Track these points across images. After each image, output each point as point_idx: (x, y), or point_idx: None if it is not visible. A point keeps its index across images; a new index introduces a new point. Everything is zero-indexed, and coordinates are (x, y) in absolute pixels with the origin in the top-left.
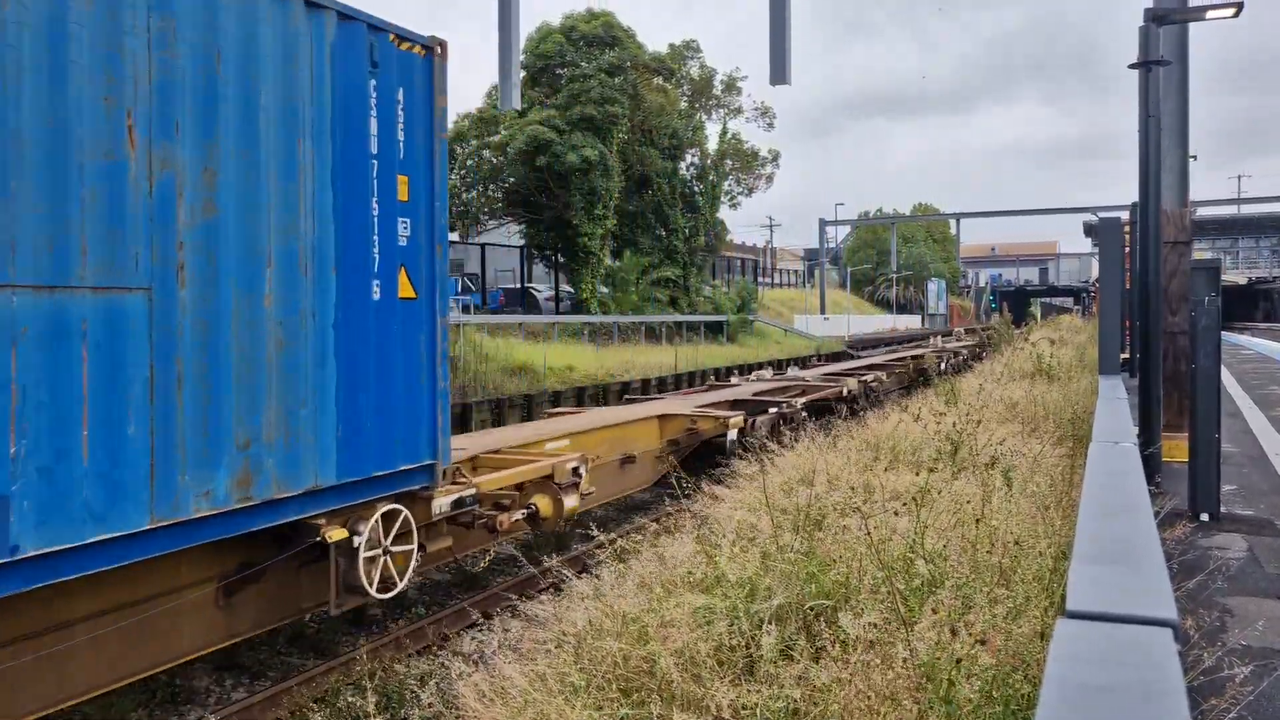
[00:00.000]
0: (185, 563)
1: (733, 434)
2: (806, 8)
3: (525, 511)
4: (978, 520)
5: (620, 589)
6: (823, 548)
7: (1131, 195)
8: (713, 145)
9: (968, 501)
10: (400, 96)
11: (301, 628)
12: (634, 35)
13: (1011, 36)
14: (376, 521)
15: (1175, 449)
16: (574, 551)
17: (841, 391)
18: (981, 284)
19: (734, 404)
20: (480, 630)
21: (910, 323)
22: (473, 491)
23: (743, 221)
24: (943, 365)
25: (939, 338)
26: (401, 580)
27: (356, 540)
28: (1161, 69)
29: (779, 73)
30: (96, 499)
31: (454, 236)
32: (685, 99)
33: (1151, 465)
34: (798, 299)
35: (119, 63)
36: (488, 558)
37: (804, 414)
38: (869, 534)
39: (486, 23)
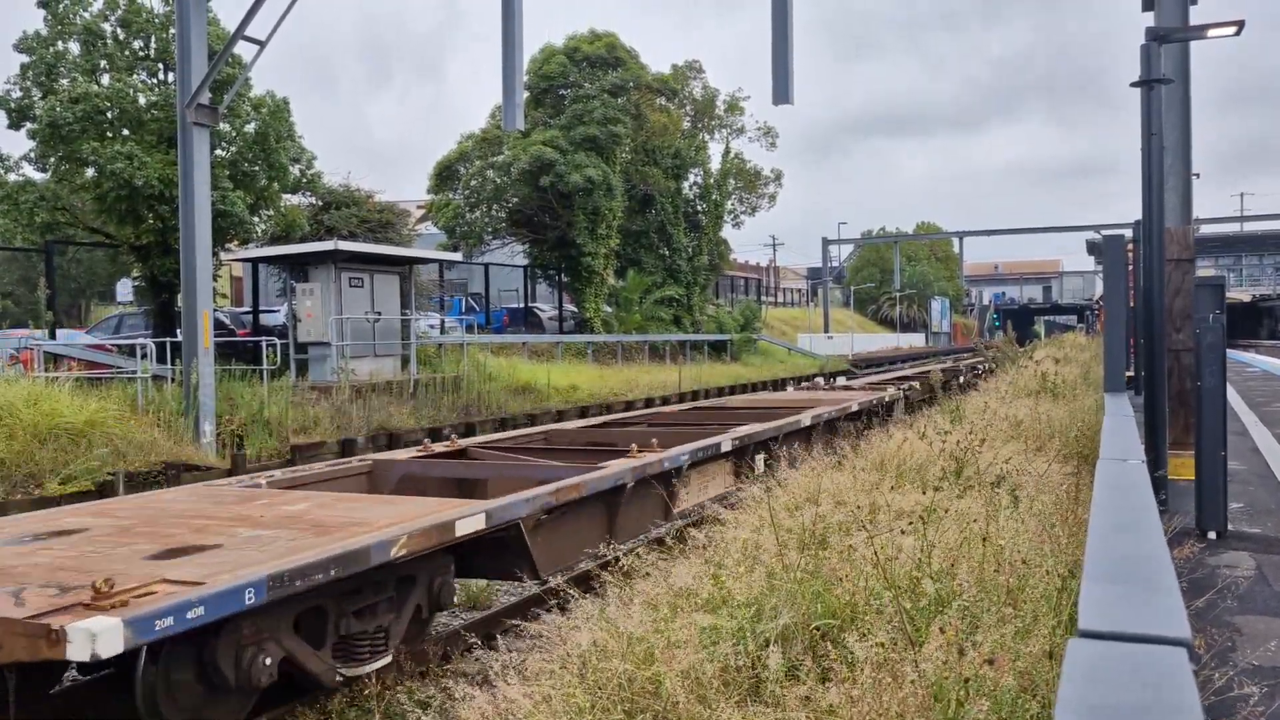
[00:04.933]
0: None
1: None
2: (811, 28)
3: None
4: (984, 539)
5: (625, 609)
6: (828, 567)
7: (1135, 213)
8: (715, 165)
9: (974, 520)
10: None
11: None
12: (637, 56)
13: (1018, 57)
14: None
15: (1181, 467)
16: (579, 570)
17: None
18: (985, 302)
19: None
20: (484, 651)
21: (914, 341)
22: None
23: (746, 241)
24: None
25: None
26: None
27: None
28: (1164, 87)
29: (781, 92)
30: None
31: (457, 256)
32: (688, 119)
33: (1158, 483)
34: (801, 318)
35: None
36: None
37: None
38: (875, 553)
39: (492, 43)
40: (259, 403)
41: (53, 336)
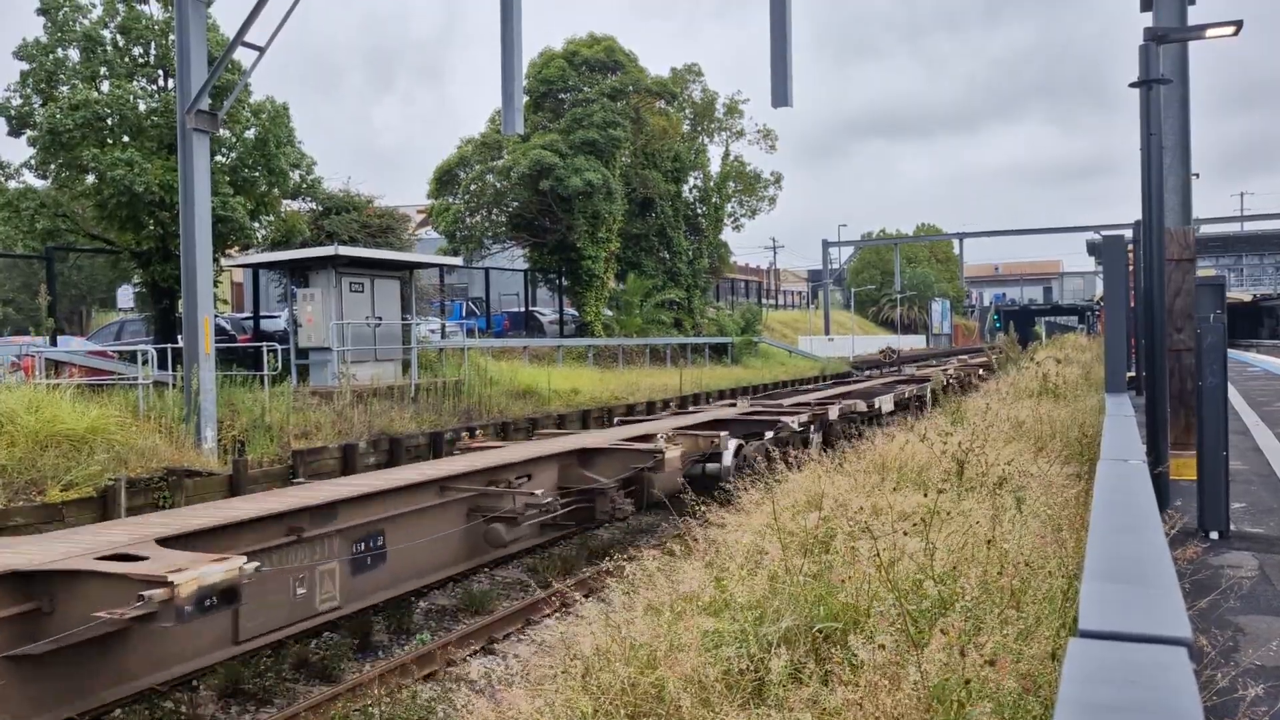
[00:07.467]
0: None
1: None
2: (811, 30)
3: None
4: (988, 541)
5: (628, 613)
6: (831, 570)
7: (1135, 214)
8: (715, 168)
9: (977, 522)
10: None
11: (307, 653)
12: (636, 60)
13: (1018, 58)
14: None
15: (1183, 467)
16: (581, 574)
17: None
18: (986, 303)
19: None
20: (488, 656)
21: (915, 343)
22: None
23: (746, 243)
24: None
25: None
26: None
27: None
28: (1163, 87)
29: (780, 95)
30: None
31: (458, 260)
32: (687, 122)
33: (1160, 484)
34: (801, 320)
35: None
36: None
37: None
38: (877, 556)
39: (492, 48)
40: (260, 408)
41: (54, 343)
